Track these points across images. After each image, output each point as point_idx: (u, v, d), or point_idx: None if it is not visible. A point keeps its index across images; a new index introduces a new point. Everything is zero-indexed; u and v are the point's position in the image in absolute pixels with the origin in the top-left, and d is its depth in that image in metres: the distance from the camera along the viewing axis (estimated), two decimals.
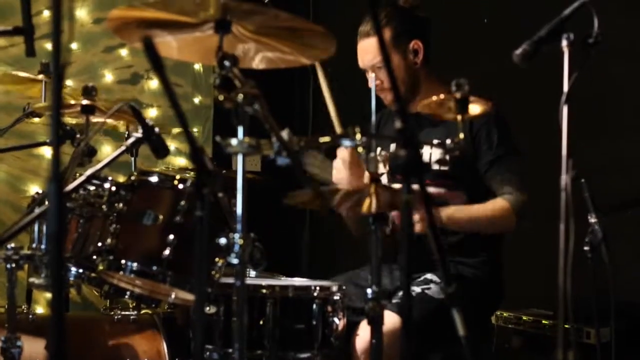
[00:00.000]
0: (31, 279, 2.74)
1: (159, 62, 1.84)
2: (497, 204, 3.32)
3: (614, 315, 2.85)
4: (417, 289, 3.26)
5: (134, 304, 3.46)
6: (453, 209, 3.25)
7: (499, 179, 3.35)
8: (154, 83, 5.59)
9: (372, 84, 2.86)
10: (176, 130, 4.18)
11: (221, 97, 2.22)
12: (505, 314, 3.95)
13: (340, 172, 3.40)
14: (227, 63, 2.26)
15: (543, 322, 3.81)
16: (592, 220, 2.76)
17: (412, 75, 3.48)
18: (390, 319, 2.89)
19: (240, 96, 2.21)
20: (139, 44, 2.27)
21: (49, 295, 4.99)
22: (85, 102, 3.02)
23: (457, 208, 3.26)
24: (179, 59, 2.71)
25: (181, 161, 5.51)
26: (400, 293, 3.13)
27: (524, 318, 3.90)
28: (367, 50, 3.49)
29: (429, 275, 3.30)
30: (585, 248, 2.71)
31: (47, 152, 5.20)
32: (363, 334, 3.11)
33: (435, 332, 2.93)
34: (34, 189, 5.10)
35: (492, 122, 3.35)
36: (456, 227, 3.28)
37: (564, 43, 2.38)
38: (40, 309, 4.95)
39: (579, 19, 2.44)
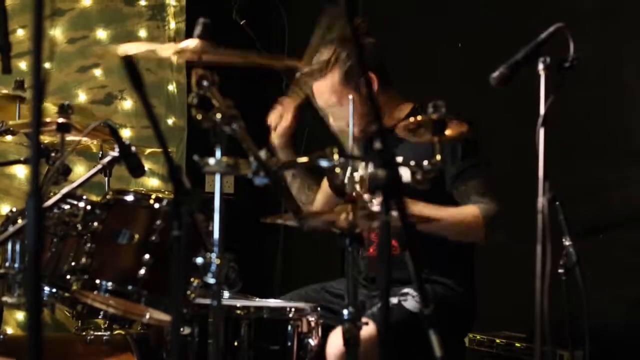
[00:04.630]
0: (4, 298, 2.71)
1: (139, 80, 1.84)
2: (467, 209, 3.30)
3: (588, 338, 2.86)
4: (394, 300, 3.25)
5: (106, 325, 3.43)
6: (422, 205, 3.19)
7: (464, 189, 3.34)
8: (127, 103, 5.58)
9: (350, 107, 2.84)
10: (148, 150, 4.15)
11: (199, 116, 2.22)
12: (478, 337, 3.95)
13: None
14: (205, 83, 2.26)
15: (516, 344, 3.82)
16: (567, 243, 2.77)
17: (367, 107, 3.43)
18: (366, 327, 2.89)
19: (218, 115, 2.21)
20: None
21: (19, 316, 4.96)
22: (61, 120, 3.00)
23: (426, 205, 3.20)
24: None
25: (154, 182, 5.49)
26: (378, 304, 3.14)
27: (497, 341, 3.90)
28: (321, 92, 3.51)
29: (406, 289, 3.30)
30: (560, 270, 2.72)
31: (19, 171, 5.16)
32: (335, 341, 3.08)
33: (408, 343, 2.92)
34: (5, 208, 5.05)
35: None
36: (424, 223, 3.24)
37: (540, 66, 2.40)
38: (10, 330, 4.90)
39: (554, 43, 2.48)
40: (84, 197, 2.78)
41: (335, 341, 3.07)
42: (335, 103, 3.47)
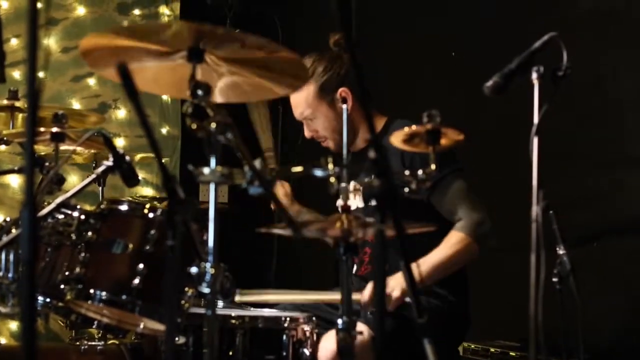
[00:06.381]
0: None
1: (133, 88, 1.84)
2: (452, 239, 3.29)
3: (582, 347, 2.85)
4: None
5: (100, 334, 3.42)
6: (418, 264, 3.18)
7: (445, 204, 3.33)
8: (121, 113, 5.58)
9: (344, 115, 2.84)
10: (139, 155, 4.16)
11: (193, 126, 2.21)
12: (472, 346, 3.95)
13: None
14: (199, 92, 2.26)
15: (511, 353, 3.81)
16: (561, 251, 2.77)
17: (346, 122, 3.41)
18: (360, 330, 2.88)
19: (213, 125, 2.21)
20: (109, 73, 2.27)
21: (13, 326, 4.95)
22: (55, 129, 3.00)
23: (420, 263, 3.18)
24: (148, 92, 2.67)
25: (148, 191, 5.49)
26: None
27: (492, 350, 3.89)
28: (297, 104, 3.56)
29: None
30: (554, 279, 2.72)
31: (12, 180, 5.16)
32: (327, 345, 3.07)
33: (401, 345, 2.91)
34: None
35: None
36: (429, 280, 3.25)
37: (534, 76, 2.41)
38: (3, 340, 4.89)
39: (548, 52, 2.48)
40: (78, 206, 2.77)
41: (327, 345, 3.07)
42: (310, 116, 3.52)
